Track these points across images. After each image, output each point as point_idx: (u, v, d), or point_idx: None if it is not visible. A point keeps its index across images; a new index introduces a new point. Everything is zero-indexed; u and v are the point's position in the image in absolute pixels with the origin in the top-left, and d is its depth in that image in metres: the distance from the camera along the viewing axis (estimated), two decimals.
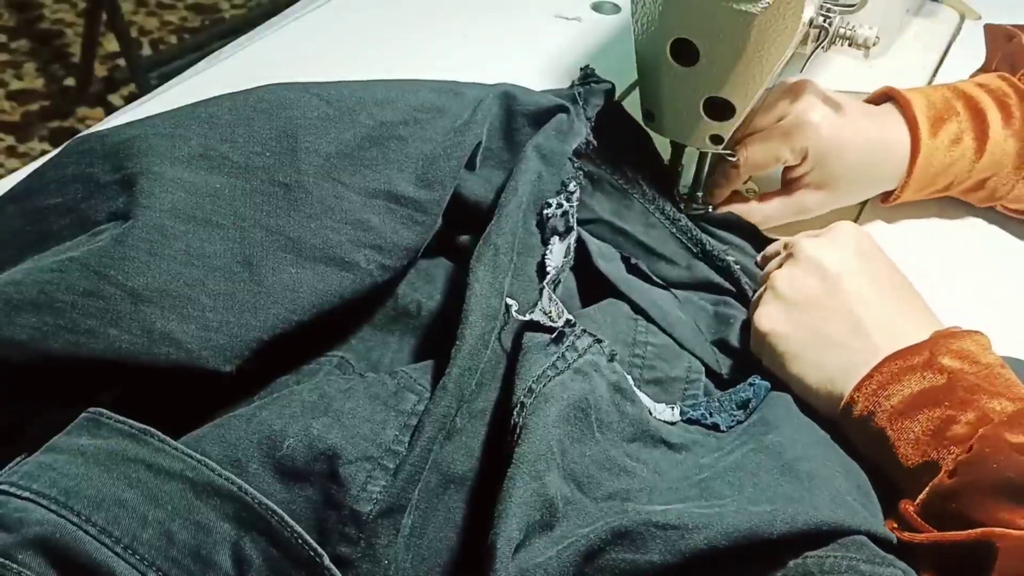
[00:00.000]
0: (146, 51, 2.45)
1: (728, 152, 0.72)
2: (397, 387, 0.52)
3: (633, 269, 0.66)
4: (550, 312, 0.54)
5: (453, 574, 0.49)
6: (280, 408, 0.50)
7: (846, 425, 0.56)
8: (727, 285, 0.68)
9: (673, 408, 0.57)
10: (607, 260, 0.65)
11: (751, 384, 0.59)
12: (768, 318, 0.60)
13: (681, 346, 0.62)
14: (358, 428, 0.49)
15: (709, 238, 0.70)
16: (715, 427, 0.57)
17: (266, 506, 0.45)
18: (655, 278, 0.67)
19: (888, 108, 0.74)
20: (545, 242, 0.61)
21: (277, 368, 0.56)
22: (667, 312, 0.64)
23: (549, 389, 0.50)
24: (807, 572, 0.45)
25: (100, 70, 2.38)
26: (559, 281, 0.59)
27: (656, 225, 0.69)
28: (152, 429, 0.47)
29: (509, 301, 0.55)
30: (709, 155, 0.73)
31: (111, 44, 2.37)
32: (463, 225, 0.63)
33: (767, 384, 0.59)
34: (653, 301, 0.64)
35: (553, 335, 0.53)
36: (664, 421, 0.56)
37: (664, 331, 0.62)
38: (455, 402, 0.50)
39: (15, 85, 2.38)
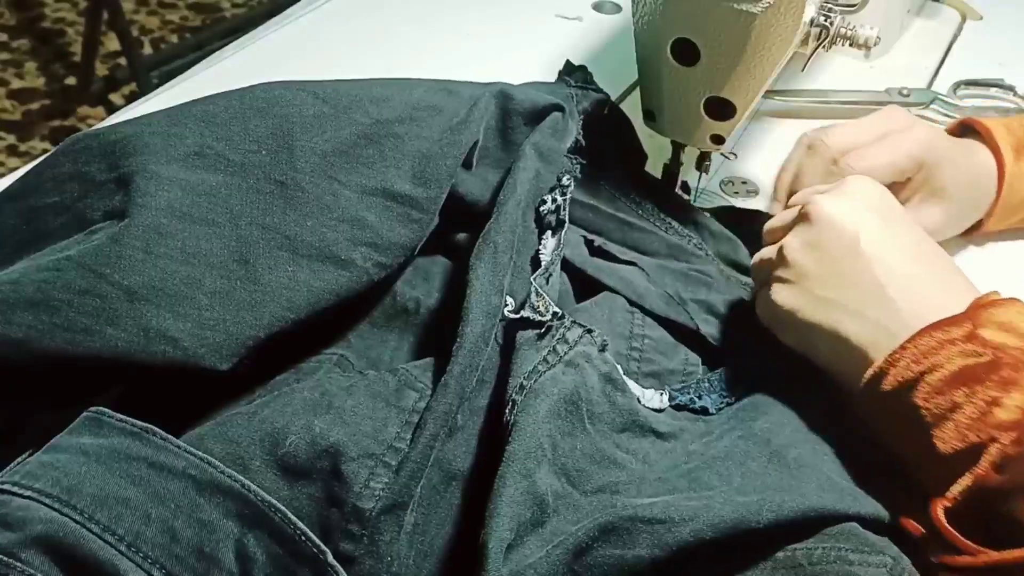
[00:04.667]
0: (147, 50, 2.45)
1: (730, 152, 0.72)
2: (398, 384, 0.52)
3: (596, 251, 0.66)
4: (538, 306, 0.54)
5: (455, 570, 0.48)
6: (282, 406, 0.50)
7: (869, 403, 0.51)
8: (700, 252, 0.68)
9: (661, 394, 0.57)
10: (571, 247, 0.65)
11: (739, 366, 0.58)
12: (781, 290, 0.55)
13: (654, 316, 0.62)
14: (360, 425, 0.49)
15: (672, 220, 0.70)
16: (704, 411, 0.57)
17: (269, 503, 0.45)
18: (620, 256, 0.66)
19: (969, 141, 0.72)
20: (540, 238, 0.61)
21: (276, 367, 0.56)
22: (635, 285, 0.64)
23: (540, 384, 0.50)
24: (796, 564, 0.45)
25: (101, 69, 2.38)
26: (550, 275, 0.58)
27: (623, 209, 0.69)
28: (154, 427, 0.47)
29: (508, 298, 0.55)
30: (710, 155, 0.73)
31: (112, 43, 2.37)
32: (459, 224, 0.63)
33: (755, 367, 0.58)
34: (620, 277, 0.64)
35: (541, 329, 0.53)
36: (653, 409, 0.56)
37: (635, 304, 0.62)
38: (456, 399, 0.50)
39: (16, 84, 2.38)
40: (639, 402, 0.55)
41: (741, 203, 0.80)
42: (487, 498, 0.47)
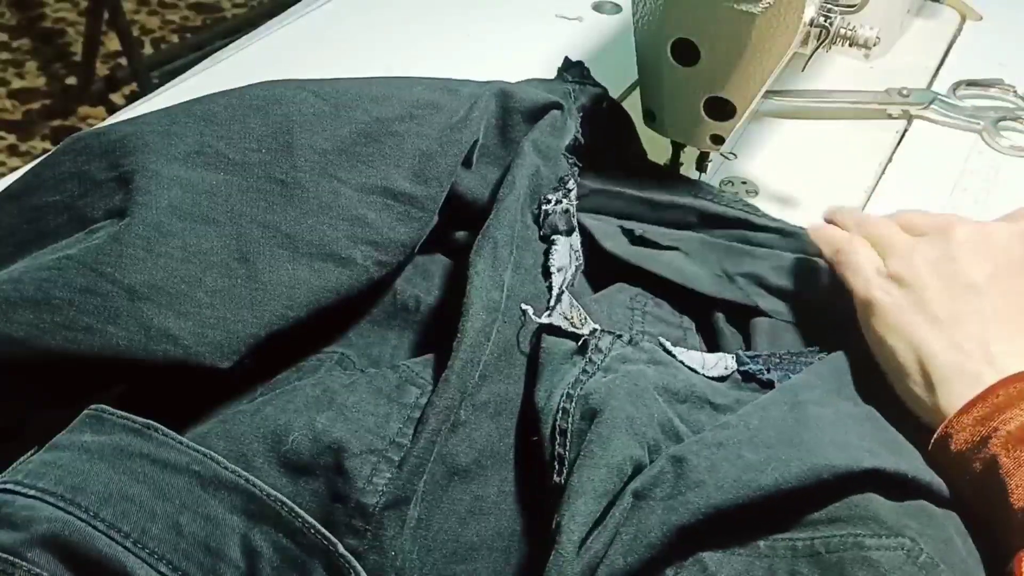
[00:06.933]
0: (148, 50, 2.45)
1: (730, 152, 0.72)
2: (399, 380, 0.52)
3: (637, 240, 0.66)
4: (572, 318, 0.55)
5: (459, 564, 0.49)
6: (284, 403, 0.50)
7: (944, 449, 0.50)
8: (736, 215, 0.68)
9: (727, 360, 0.57)
10: (611, 239, 0.65)
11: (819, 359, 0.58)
12: (884, 289, 0.54)
13: (706, 297, 0.63)
14: (362, 421, 0.49)
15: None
16: (770, 384, 0.56)
17: (275, 497, 0.45)
18: (660, 241, 0.66)
19: None
20: (545, 238, 0.61)
21: (277, 365, 0.56)
22: (682, 270, 0.64)
23: (587, 389, 0.51)
24: (814, 552, 0.45)
25: (102, 69, 2.38)
26: (572, 284, 0.59)
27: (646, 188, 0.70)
28: (155, 423, 0.47)
29: (524, 306, 0.55)
30: (709, 155, 0.73)
31: (113, 43, 2.37)
32: (459, 222, 0.63)
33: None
34: (666, 263, 0.64)
35: (579, 343, 0.54)
36: (713, 377, 0.56)
37: (686, 288, 0.63)
38: (458, 394, 0.50)
39: (17, 84, 2.38)
40: (697, 372, 0.56)
41: None
42: (495, 492, 0.48)
